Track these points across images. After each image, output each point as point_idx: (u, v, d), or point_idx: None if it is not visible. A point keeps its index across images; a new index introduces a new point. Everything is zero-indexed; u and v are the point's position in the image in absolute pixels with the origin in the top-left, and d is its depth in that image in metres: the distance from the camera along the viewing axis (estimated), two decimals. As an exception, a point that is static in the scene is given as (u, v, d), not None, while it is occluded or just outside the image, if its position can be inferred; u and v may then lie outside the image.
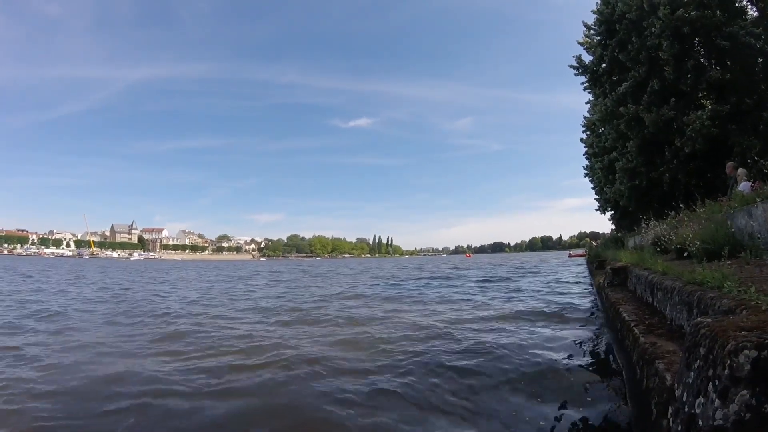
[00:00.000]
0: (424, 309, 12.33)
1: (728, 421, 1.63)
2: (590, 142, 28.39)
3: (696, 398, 1.88)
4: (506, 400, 4.79)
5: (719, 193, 11.72)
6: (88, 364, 6.43)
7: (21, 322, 10.42)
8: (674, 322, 4.17)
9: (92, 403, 4.81)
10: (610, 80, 19.63)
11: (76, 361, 6.64)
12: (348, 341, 8.00)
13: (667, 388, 2.50)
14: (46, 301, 14.97)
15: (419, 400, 4.82)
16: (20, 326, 9.92)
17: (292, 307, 13.20)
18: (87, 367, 6.25)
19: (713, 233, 6.80)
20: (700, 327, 2.03)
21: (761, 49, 15.14)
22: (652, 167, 18.30)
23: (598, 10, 19.59)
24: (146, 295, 17.30)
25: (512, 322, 9.60)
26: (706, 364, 1.85)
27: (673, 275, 4.97)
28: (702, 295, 3.34)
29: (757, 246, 5.94)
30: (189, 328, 9.47)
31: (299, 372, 5.87)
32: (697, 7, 15.17)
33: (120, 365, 6.39)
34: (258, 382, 5.55)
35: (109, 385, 5.44)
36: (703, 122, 14.85)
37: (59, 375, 5.92)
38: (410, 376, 5.58)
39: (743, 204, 7.01)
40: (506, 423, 4.18)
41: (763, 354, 1.63)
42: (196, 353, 7.11)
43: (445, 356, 6.54)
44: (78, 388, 5.36)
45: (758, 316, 2.15)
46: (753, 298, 2.71)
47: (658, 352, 3.25)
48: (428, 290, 18.43)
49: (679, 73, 16.08)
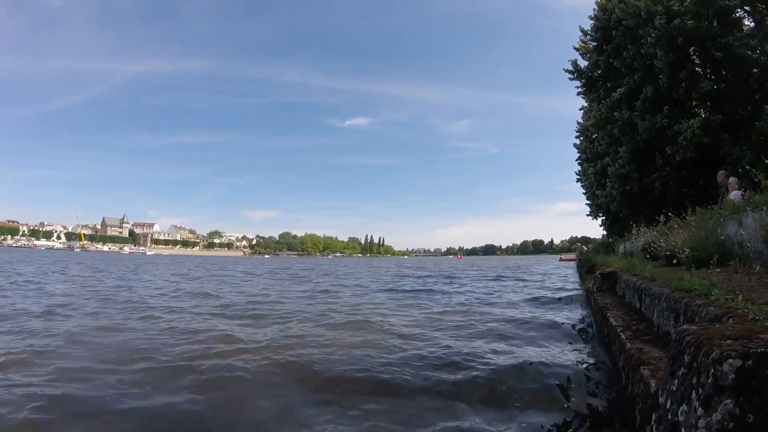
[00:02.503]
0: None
1: (711, 429, 1.61)
2: (583, 147, 28.49)
3: (679, 406, 1.86)
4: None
5: (710, 201, 11.77)
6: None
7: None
8: (661, 328, 4.17)
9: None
10: (605, 86, 19.75)
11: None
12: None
13: (652, 394, 2.49)
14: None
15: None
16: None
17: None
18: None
19: (703, 241, 6.83)
20: (685, 334, 2.01)
21: (756, 60, 15.26)
22: (644, 174, 18.40)
23: (595, 16, 19.71)
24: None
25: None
26: (690, 372, 1.83)
27: (661, 282, 4.97)
28: (689, 303, 3.34)
29: (746, 255, 5.96)
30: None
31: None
32: (694, 17, 15.27)
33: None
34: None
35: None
36: (693, 131, 14.95)
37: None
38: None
39: (734, 212, 7.04)
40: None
41: (748, 363, 1.61)
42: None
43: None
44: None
45: (744, 324, 2.14)
46: (740, 307, 2.71)
47: (643, 358, 3.24)
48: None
49: (673, 82, 16.18)
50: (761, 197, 6.23)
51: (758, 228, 5.72)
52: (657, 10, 15.82)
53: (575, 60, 21.51)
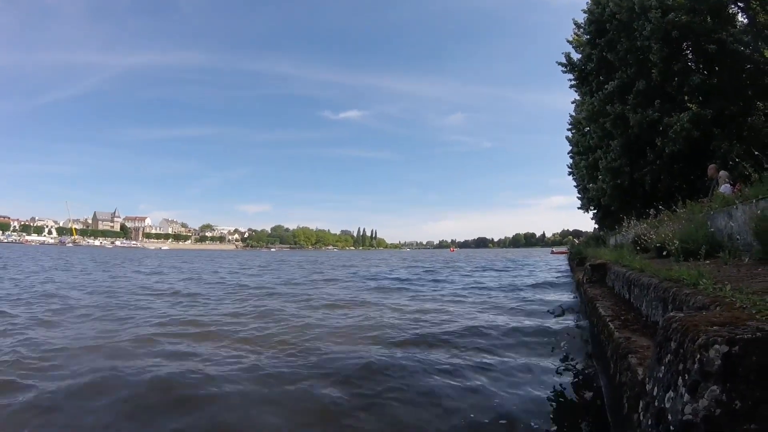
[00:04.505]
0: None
1: (698, 416, 1.59)
2: (575, 140, 28.53)
3: (666, 392, 1.84)
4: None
5: (701, 195, 11.83)
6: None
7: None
8: (650, 318, 4.17)
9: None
10: (598, 79, 19.73)
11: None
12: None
13: (639, 382, 2.47)
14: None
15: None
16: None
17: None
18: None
19: (693, 233, 6.84)
20: (671, 321, 1.99)
21: (749, 56, 15.31)
22: (636, 167, 18.45)
23: (589, 10, 19.64)
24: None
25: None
26: (676, 359, 1.81)
27: (650, 272, 4.98)
28: (677, 292, 3.33)
29: (736, 247, 5.98)
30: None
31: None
32: (688, 12, 15.27)
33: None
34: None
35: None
36: (683, 124, 15.00)
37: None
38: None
39: (723, 205, 7.07)
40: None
41: (735, 349, 1.59)
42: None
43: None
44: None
45: (731, 312, 2.13)
46: (728, 296, 2.70)
47: (631, 346, 3.23)
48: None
49: (666, 76, 16.20)
50: (751, 190, 6.25)
51: (747, 220, 5.75)
52: (651, 5, 15.81)
53: (568, 53, 21.50)
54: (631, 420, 2.47)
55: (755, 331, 1.65)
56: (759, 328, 1.68)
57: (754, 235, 5.40)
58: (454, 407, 4.29)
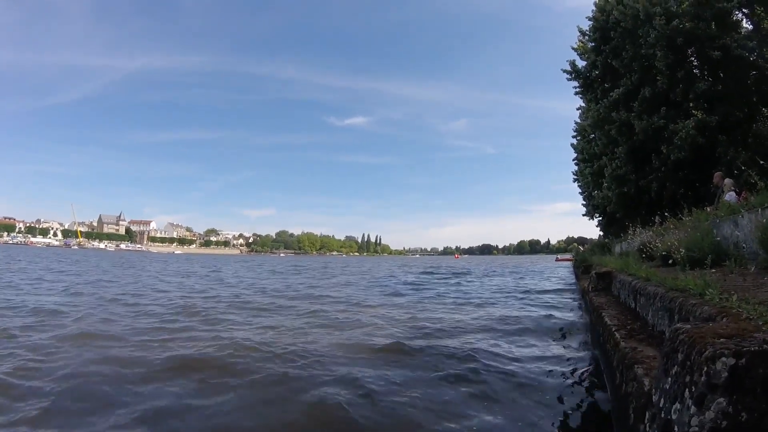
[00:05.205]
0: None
1: (704, 428, 1.60)
2: (581, 147, 28.52)
3: (672, 404, 1.85)
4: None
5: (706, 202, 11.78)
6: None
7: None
8: (656, 327, 4.17)
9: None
10: (603, 86, 19.75)
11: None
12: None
13: (645, 392, 2.48)
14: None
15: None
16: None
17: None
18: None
19: (699, 241, 6.81)
20: (678, 333, 2.00)
21: (754, 62, 15.29)
22: (641, 174, 18.40)
23: (594, 17, 19.70)
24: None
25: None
26: (683, 370, 1.82)
27: (656, 281, 4.97)
28: (683, 302, 3.33)
29: (741, 256, 5.95)
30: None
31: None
32: (692, 18, 15.27)
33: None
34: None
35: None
36: (688, 131, 14.97)
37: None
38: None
39: (729, 213, 7.04)
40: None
41: (741, 362, 1.60)
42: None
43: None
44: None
45: (738, 323, 2.13)
46: (734, 306, 2.70)
47: (637, 356, 3.23)
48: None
49: (671, 83, 16.19)
50: (757, 198, 6.23)
51: (753, 229, 5.73)
52: (655, 12, 15.84)
53: (573, 60, 21.55)
54: (637, 430, 2.47)
55: (762, 343, 1.66)
56: (765, 340, 1.69)
57: (760, 244, 5.38)
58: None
